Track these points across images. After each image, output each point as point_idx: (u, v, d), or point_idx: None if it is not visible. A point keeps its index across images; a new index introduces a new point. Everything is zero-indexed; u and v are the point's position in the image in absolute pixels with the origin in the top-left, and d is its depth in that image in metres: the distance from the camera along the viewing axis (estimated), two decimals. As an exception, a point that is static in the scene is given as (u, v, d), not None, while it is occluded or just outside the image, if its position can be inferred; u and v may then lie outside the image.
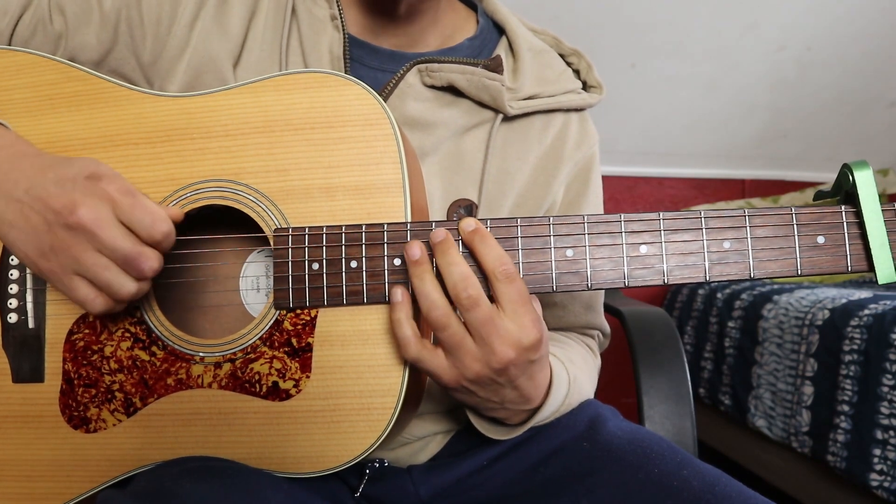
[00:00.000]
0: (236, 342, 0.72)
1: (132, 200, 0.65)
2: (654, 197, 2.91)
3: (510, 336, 0.65)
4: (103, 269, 0.65)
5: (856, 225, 0.67)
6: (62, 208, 0.64)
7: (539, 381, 0.72)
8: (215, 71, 0.82)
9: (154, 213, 0.65)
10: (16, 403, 0.75)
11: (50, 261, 0.66)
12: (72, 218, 0.63)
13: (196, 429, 0.72)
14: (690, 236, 0.67)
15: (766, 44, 2.47)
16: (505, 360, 0.65)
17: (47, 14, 0.82)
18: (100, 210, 0.64)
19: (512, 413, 0.75)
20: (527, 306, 0.66)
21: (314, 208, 0.71)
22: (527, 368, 0.68)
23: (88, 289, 0.66)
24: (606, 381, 1.31)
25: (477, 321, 0.65)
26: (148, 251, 0.65)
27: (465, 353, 0.66)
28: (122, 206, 0.65)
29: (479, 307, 0.65)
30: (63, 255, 0.65)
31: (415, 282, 0.67)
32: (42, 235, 0.65)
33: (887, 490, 1.56)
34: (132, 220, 0.65)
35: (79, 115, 0.76)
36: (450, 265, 0.66)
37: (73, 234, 0.64)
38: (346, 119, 0.72)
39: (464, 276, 0.65)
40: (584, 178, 0.94)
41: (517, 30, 0.92)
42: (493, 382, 0.68)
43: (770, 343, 2.08)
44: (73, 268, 0.65)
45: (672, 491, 0.68)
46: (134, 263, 0.65)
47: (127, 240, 0.64)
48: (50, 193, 0.65)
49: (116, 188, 0.65)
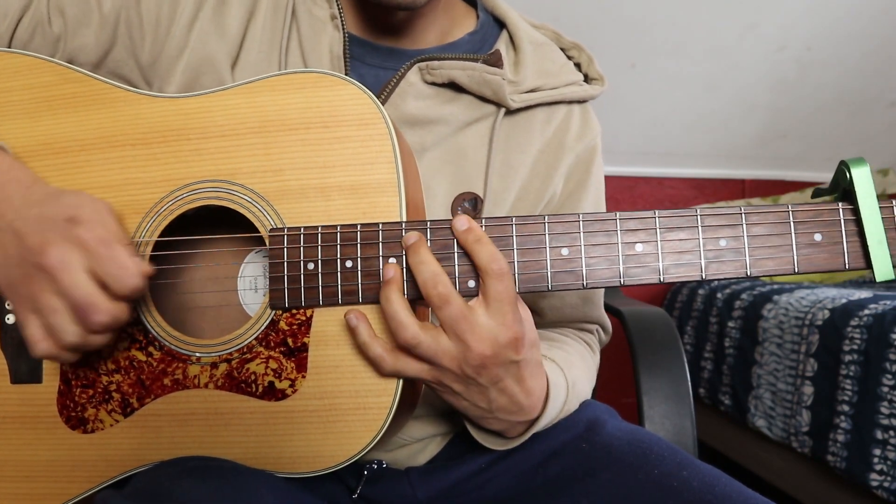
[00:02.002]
0: (232, 342, 0.72)
1: (105, 251, 0.64)
2: (654, 197, 2.91)
3: (487, 332, 0.65)
4: (53, 312, 0.64)
5: (853, 222, 0.66)
6: (33, 246, 0.64)
7: (530, 388, 0.71)
8: (213, 72, 0.82)
9: (125, 266, 0.64)
10: (14, 404, 0.75)
11: (15, 292, 0.67)
12: (39, 258, 0.63)
13: (193, 429, 0.72)
14: (686, 234, 0.67)
15: (766, 44, 2.47)
16: (480, 355, 0.65)
17: (46, 16, 0.82)
18: (67, 254, 0.63)
19: (509, 425, 0.74)
20: (512, 305, 0.65)
21: (309, 208, 0.71)
22: (510, 369, 0.67)
23: (38, 329, 0.66)
24: (606, 381, 1.31)
25: (450, 318, 0.65)
26: (102, 304, 0.64)
27: (442, 350, 0.66)
28: (95, 256, 0.64)
29: (451, 304, 0.65)
30: (24, 290, 0.65)
31: (381, 295, 0.68)
32: (12, 268, 0.66)
33: (887, 490, 1.56)
34: (102, 271, 0.64)
35: (76, 116, 0.76)
36: (420, 264, 0.66)
37: (38, 274, 0.64)
38: (341, 119, 0.72)
39: (434, 273, 0.65)
40: (585, 169, 0.93)
41: (518, 23, 0.92)
42: (474, 383, 0.67)
43: (770, 343, 2.08)
44: (31, 305, 0.65)
45: (672, 491, 0.68)
46: (82, 314, 0.64)
47: (84, 288, 0.63)
48: (28, 230, 0.65)
49: (92, 236, 0.64)
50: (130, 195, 0.74)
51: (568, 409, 0.81)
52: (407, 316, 0.66)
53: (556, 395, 0.76)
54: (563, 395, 0.78)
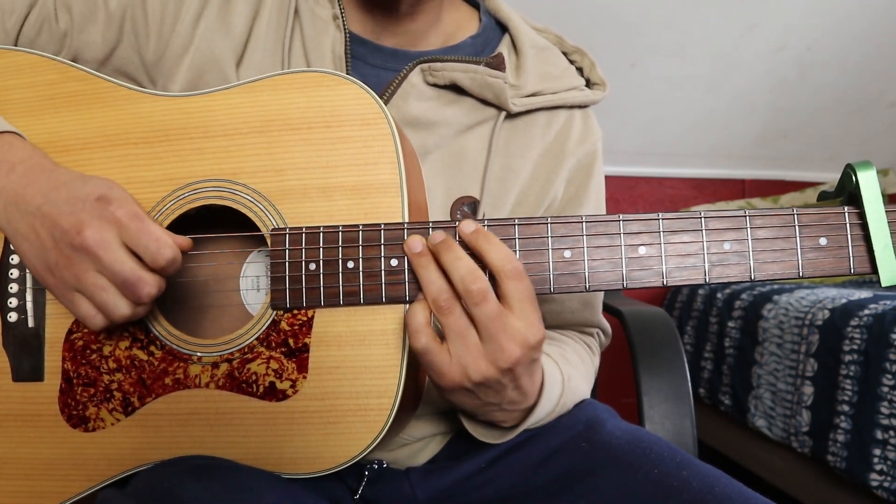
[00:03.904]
0: (233, 342, 0.72)
1: (139, 225, 0.66)
2: (654, 197, 2.91)
3: (519, 334, 0.64)
4: (101, 290, 0.66)
5: (859, 226, 0.66)
6: (69, 228, 0.65)
7: (536, 379, 0.72)
8: (218, 70, 0.82)
9: (160, 239, 0.66)
10: (16, 402, 0.75)
11: (55, 276, 0.67)
12: (77, 238, 0.65)
13: (193, 429, 0.72)
14: (690, 237, 0.67)
15: (766, 44, 2.47)
16: (513, 358, 0.65)
17: (53, 13, 0.83)
18: (105, 233, 0.65)
19: (509, 414, 0.74)
20: (534, 304, 0.65)
21: (311, 208, 0.71)
22: (529, 367, 0.68)
23: (88, 306, 0.67)
24: (606, 381, 1.31)
25: (486, 317, 0.64)
26: (147, 276, 0.66)
27: (470, 346, 0.65)
28: (129, 231, 0.65)
29: (488, 302, 0.64)
30: (66, 272, 0.66)
31: (419, 272, 0.67)
32: (49, 252, 0.67)
33: (887, 490, 1.56)
34: (138, 245, 0.66)
35: (78, 114, 0.76)
36: (455, 260, 0.65)
37: (77, 254, 0.65)
38: (343, 119, 0.72)
39: (471, 269, 0.65)
40: (586, 174, 0.93)
41: (520, 27, 0.92)
42: (497, 383, 0.67)
43: (770, 343, 2.08)
44: (75, 285, 0.67)
45: (672, 491, 0.68)
46: (132, 288, 0.65)
47: (127, 264, 0.65)
48: (60, 212, 0.66)
49: (125, 212, 0.66)
50: (132, 194, 0.74)
51: (564, 403, 0.81)
52: (445, 282, 0.66)
53: (550, 387, 0.76)
54: (559, 388, 0.78)
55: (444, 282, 0.66)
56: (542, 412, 0.76)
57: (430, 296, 0.66)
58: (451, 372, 0.66)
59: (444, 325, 0.66)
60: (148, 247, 0.65)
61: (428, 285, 0.66)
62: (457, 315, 0.65)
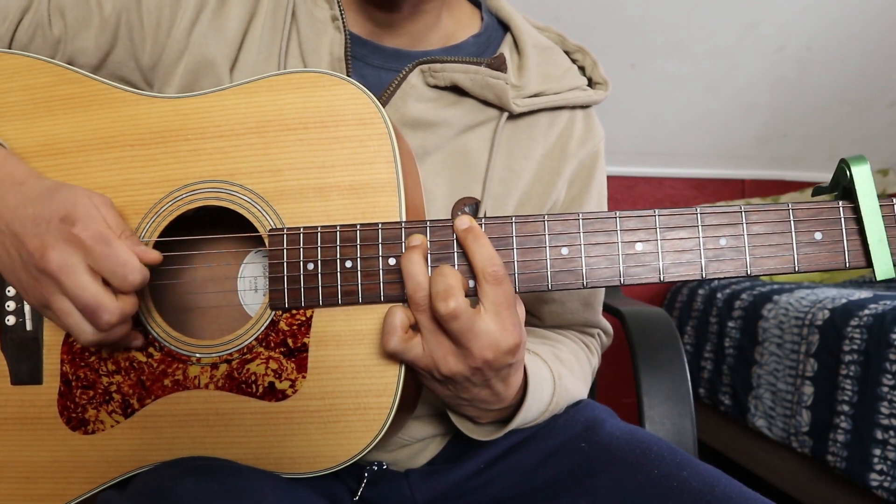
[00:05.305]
0: (232, 343, 0.72)
1: (104, 249, 0.65)
2: (654, 197, 2.91)
3: (491, 338, 0.65)
4: (66, 314, 0.66)
5: (853, 220, 0.66)
6: (34, 251, 0.65)
7: (512, 383, 0.71)
8: (212, 74, 0.82)
9: (126, 263, 0.65)
10: (14, 405, 0.75)
11: (27, 293, 0.68)
12: (41, 262, 0.64)
13: (193, 430, 0.72)
14: (686, 233, 0.67)
15: (766, 44, 2.47)
16: (482, 359, 0.65)
17: (46, 18, 0.82)
18: (69, 257, 0.64)
19: (481, 412, 0.74)
20: (511, 309, 0.65)
21: (309, 208, 0.71)
22: (503, 370, 0.68)
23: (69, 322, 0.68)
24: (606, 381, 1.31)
25: (457, 331, 0.64)
26: (108, 304, 0.65)
27: (442, 342, 0.66)
28: (94, 254, 0.65)
29: (458, 319, 0.64)
30: (37, 292, 0.67)
31: (404, 266, 0.67)
32: (19, 271, 0.67)
33: (887, 490, 1.56)
34: (103, 270, 0.65)
35: (74, 117, 0.76)
36: (437, 276, 0.66)
37: (44, 277, 0.65)
38: (339, 119, 0.72)
39: (447, 286, 0.65)
40: (588, 175, 0.93)
41: (522, 26, 0.92)
42: (466, 380, 0.68)
43: (770, 343, 2.07)
44: (45, 306, 0.67)
45: (672, 492, 0.68)
46: (91, 316, 0.65)
47: (88, 290, 0.64)
48: (26, 232, 0.66)
49: (89, 234, 0.65)
50: (129, 196, 0.74)
51: (557, 402, 0.81)
52: (425, 279, 0.66)
53: (538, 387, 0.76)
54: (549, 387, 0.78)
55: (425, 279, 0.66)
56: (533, 412, 0.76)
57: (408, 291, 0.66)
58: (421, 361, 0.67)
59: (419, 321, 0.66)
60: (115, 272, 0.65)
61: (407, 280, 0.66)
62: (430, 314, 0.66)
